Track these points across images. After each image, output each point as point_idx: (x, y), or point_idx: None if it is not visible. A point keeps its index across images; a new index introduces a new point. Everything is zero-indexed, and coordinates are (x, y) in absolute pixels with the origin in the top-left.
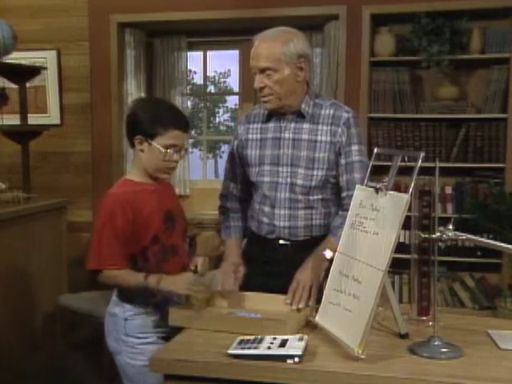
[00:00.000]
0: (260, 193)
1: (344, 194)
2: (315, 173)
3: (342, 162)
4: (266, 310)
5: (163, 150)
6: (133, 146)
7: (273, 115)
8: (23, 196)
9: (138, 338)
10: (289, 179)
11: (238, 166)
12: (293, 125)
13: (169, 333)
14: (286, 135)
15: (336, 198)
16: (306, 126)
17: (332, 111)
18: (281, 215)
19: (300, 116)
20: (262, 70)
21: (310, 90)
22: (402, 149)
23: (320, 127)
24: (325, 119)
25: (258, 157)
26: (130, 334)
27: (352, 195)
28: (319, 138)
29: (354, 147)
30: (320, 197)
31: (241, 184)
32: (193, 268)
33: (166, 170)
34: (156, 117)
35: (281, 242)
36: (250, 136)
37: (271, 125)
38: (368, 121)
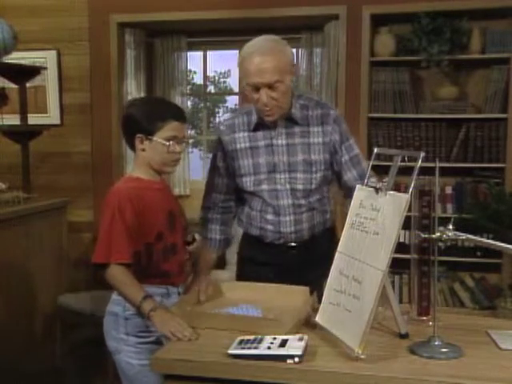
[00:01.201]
0: (259, 201)
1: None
2: (314, 175)
3: (346, 157)
4: (272, 302)
5: (166, 143)
6: (132, 147)
7: (261, 123)
8: (23, 196)
9: (139, 337)
10: (288, 185)
11: (223, 177)
12: (284, 130)
13: None
14: (279, 141)
15: (329, 194)
16: (297, 129)
17: (319, 111)
18: (286, 222)
19: (290, 121)
20: (270, 85)
21: (293, 93)
22: (402, 149)
23: (311, 129)
24: (314, 120)
25: (252, 166)
26: (130, 333)
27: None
28: (312, 140)
29: (352, 141)
30: (318, 197)
31: (225, 195)
32: (190, 239)
33: (172, 162)
34: (152, 112)
35: (287, 245)
36: (238, 146)
37: (260, 132)
38: (368, 121)
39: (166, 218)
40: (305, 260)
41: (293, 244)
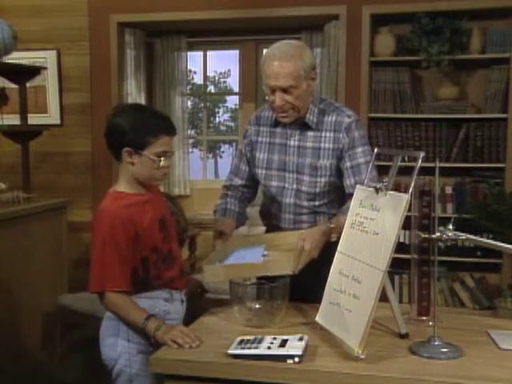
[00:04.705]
0: (268, 195)
1: None
2: (319, 180)
3: (347, 164)
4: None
5: (156, 159)
6: (117, 158)
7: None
8: (23, 196)
9: (141, 344)
10: (295, 185)
11: (245, 163)
12: (298, 132)
13: None
14: (292, 142)
15: (341, 199)
16: (310, 133)
17: (334, 118)
18: (286, 219)
19: (304, 125)
20: (284, 89)
21: (314, 98)
22: (402, 149)
23: (324, 134)
24: (328, 126)
25: (266, 161)
26: (132, 341)
27: None
28: (323, 145)
29: (359, 149)
30: (326, 200)
31: (246, 181)
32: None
33: (160, 177)
34: (143, 126)
35: None
36: (259, 138)
37: (279, 130)
38: (368, 121)
39: (159, 230)
40: None
41: None
